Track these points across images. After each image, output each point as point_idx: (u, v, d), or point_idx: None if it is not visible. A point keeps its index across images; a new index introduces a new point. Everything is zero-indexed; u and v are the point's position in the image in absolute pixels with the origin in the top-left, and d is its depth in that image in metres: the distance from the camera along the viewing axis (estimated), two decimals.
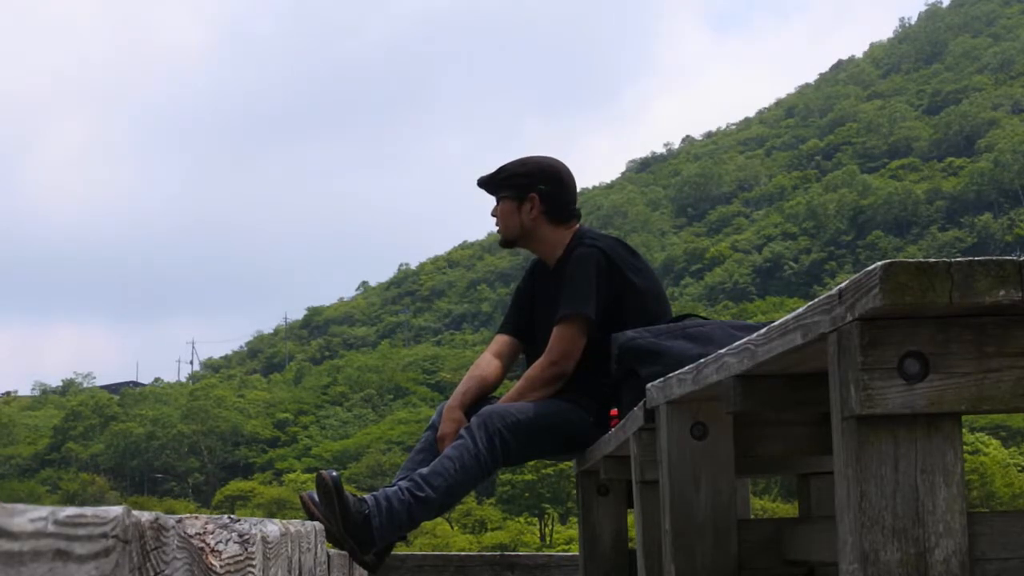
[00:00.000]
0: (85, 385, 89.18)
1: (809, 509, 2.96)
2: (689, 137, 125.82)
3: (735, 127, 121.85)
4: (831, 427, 1.54)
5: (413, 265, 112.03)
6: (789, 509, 31.96)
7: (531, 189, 3.98)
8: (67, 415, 71.96)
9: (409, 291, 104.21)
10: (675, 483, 2.30)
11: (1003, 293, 1.39)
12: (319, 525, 2.88)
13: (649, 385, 2.48)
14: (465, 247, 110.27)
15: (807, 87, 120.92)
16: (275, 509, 43.02)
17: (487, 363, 4.01)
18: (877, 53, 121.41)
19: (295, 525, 2.17)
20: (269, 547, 1.64)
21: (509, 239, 4.06)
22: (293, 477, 53.50)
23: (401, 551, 5.06)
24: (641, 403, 2.57)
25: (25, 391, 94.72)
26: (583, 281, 3.77)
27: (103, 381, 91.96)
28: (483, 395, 3.95)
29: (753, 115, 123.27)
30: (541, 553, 5.79)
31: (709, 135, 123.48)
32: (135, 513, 0.84)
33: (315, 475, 3.66)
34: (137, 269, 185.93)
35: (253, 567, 1.43)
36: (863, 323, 1.43)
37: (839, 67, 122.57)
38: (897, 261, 1.37)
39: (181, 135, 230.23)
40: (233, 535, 1.30)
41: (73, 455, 67.00)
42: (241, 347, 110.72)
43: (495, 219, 4.07)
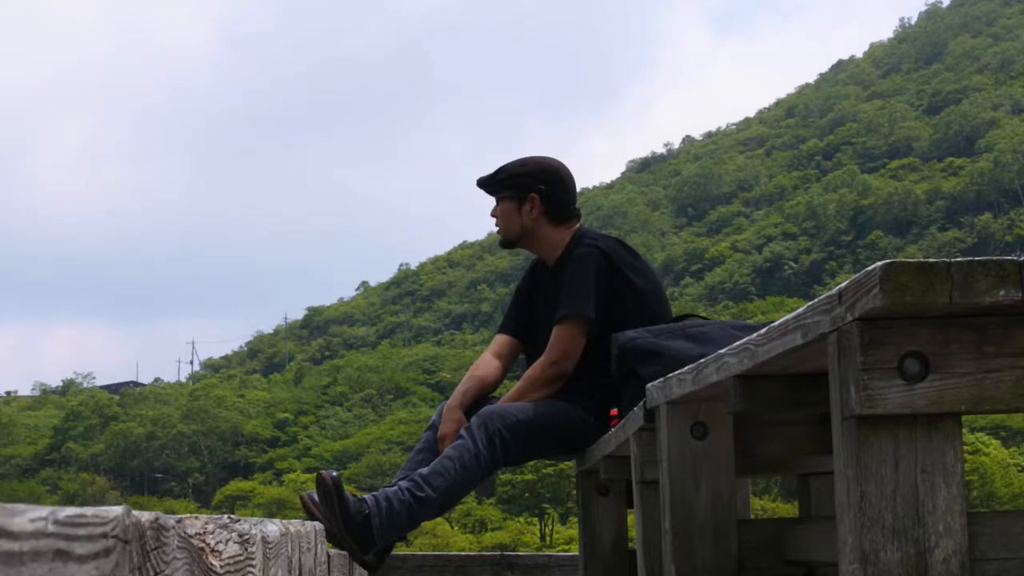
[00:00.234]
0: (85, 385, 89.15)
1: (809, 509, 2.96)
2: (689, 137, 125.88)
3: (735, 127, 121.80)
4: (831, 427, 1.54)
5: (413, 265, 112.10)
6: (789, 509, 31.96)
7: (531, 189, 3.98)
8: (67, 415, 71.95)
9: (409, 291, 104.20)
10: (675, 483, 2.30)
11: (1003, 293, 1.39)
12: (319, 525, 2.88)
13: (649, 385, 2.48)
14: (465, 247, 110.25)
15: (807, 87, 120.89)
16: (275, 509, 43.01)
17: (487, 363, 4.01)
18: (877, 53, 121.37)
19: (295, 525, 2.17)
20: (269, 547, 1.63)
21: (509, 239, 4.06)
22: (293, 477, 53.49)
23: (401, 551, 5.06)
24: (641, 403, 2.57)
25: (25, 391, 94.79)
26: (583, 281, 3.77)
27: (103, 381, 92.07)
28: (483, 395, 3.94)
29: (753, 115, 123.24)
30: (541, 553, 5.80)
31: (709, 135, 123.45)
32: (135, 513, 0.84)
33: (315, 475, 3.66)
34: (137, 269, 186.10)
35: (253, 567, 1.43)
36: (863, 323, 1.43)
37: (839, 67, 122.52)
38: (897, 261, 1.37)
39: (181, 135, 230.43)
40: (233, 535, 1.30)
41: (73, 455, 66.98)
42: (241, 347, 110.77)
43: (495, 219, 4.07)
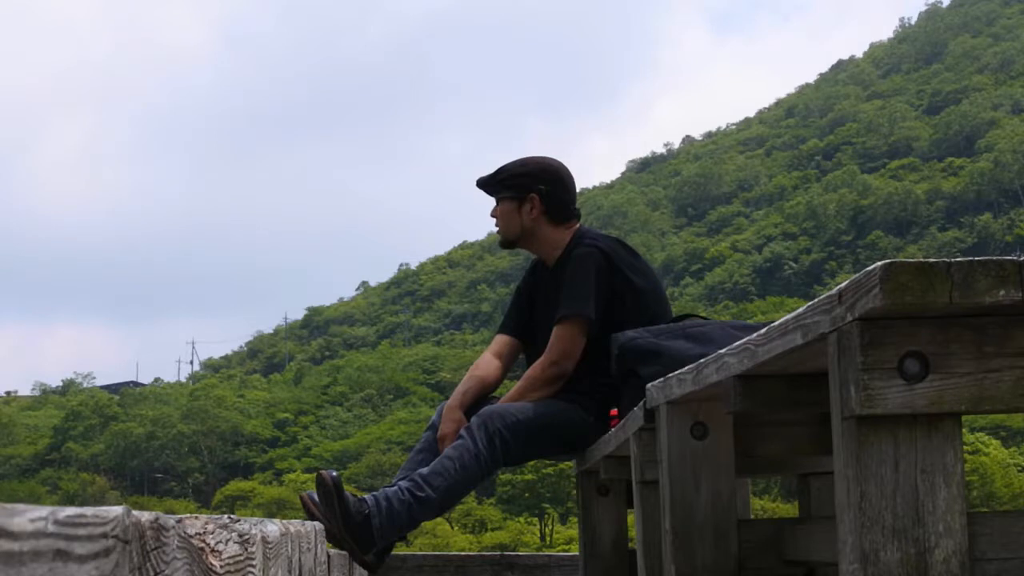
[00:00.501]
0: (85, 385, 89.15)
1: (809, 509, 2.96)
2: (689, 137, 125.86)
3: (735, 127, 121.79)
4: (831, 427, 1.54)
5: (413, 265, 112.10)
6: (789, 509, 31.96)
7: (531, 189, 3.98)
8: (67, 415, 71.95)
9: (409, 291, 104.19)
10: (675, 483, 2.30)
11: (1003, 293, 1.39)
12: (319, 525, 2.88)
13: (649, 385, 2.48)
14: (465, 247, 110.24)
15: (807, 87, 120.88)
16: (275, 509, 43.01)
17: (487, 363, 4.01)
18: (877, 53, 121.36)
19: (295, 525, 2.17)
20: (269, 547, 1.63)
21: (509, 239, 4.06)
22: (293, 477, 53.48)
23: (401, 551, 5.06)
24: (641, 403, 2.56)
25: (25, 391, 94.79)
26: (583, 281, 3.77)
27: (103, 381, 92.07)
28: (483, 395, 3.94)
29: (753, 115, 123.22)
30: (541, 553, 5.80)
31: (709, 135, 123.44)
32: (135, 513, 0.84)
33: (315, 475, 3.66)
34: (137, 269, 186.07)
35: (253, 567, 1.43)
36: (863, 323, 1.43)
37: (839, 67, 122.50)
38: (897, 261, 1.37)
39: (181, 135, 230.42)
40: (233, 535, 1.30)
41: (73, 455, 66.97)
42: (241, 347, 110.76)
43: (495, 219, 4.07)
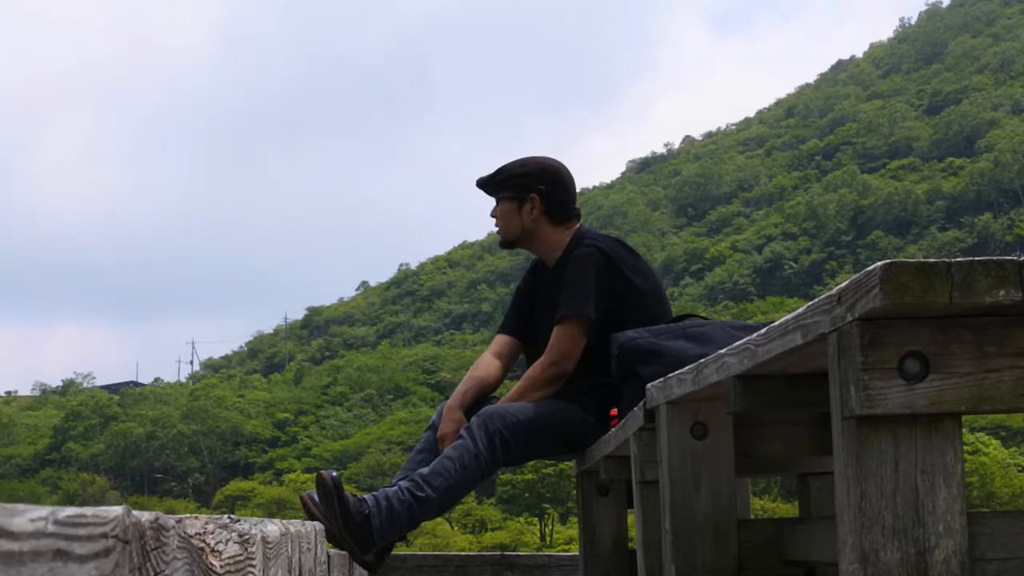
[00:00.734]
0: (85, 385, 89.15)
1: (809, 509, 2.96)
2: (689, 137, 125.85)
3: (735, 127, 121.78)
4: (831, 427, 1.54)
5: (413, 265, 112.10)
6: (789, 509, 31.96)
7: (531, 189, 3.98)
8: (67, 415, 71.92)
9: (409, 291, 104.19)
10: (675, 483, 2.30)
11: (1003, 293, 1.39)
12: (319, 525, 2.88)
13: (649, 385, 2.48)
14: (465, 247, 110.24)
15: (807, 87, 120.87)
16: (275, 509, 43.00)
17: (487, 363, 4.01)
18: (877, 53, 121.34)
19: (295, 525, 2.17)
20: (269, 547, 1.63)
21: (509, 240, 4.05)
22: (293, 477, 53.46)
23: (401, 551, 5.06)
24: (641, 403, 2.56)
25: (25, 391, 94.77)
26: (583, 281, 3.77)
27: (103, 381, 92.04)
28: (483, 395, 3.94)
29: (753, 115, 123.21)
30: (541, 553, 5.80)
31: (709, 135, 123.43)
32: (135, 513, 0.84)
33: (315, 475, 3.66)
34: (137, 269, 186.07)
35: (253, 567, 1.43)
36: (863, 323, 1.43)
37: (839, 67, 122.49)
38: (897, 261, 1.37)
39: (181, 135, 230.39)
40: (233, 535, 1.30)
41: (73, 455, 66.96)
42: (241, 347, 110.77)
43: (495, 220, 4.07)
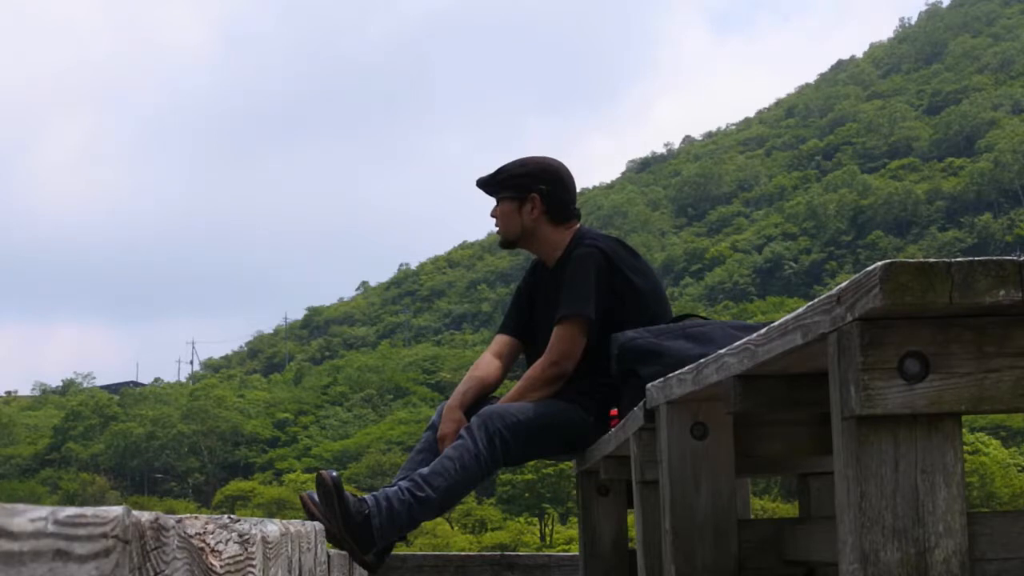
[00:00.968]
0: (85, 385, 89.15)
1: (809, 509, 2.96)
2: (689, 137, 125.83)
3: (735, 127, 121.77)
4: (831, 427, 1.54)
5: (413, 265, 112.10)
6: (789, 509, 31.96)
7: (532, 189, 3.98)
8: (67, 415, 71.92)
9: (409, 291, 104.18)
10: (675, 483, 2.30)
11: (1003, 293, 1.39)
12: (319, 525, 2.88)
13: (649, 385, 2.48)
14: (465, 247, 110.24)
15: (807, 87, 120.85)
16: (275, 509, 43.00)
17: (487, 363, 4.01)
18: (877, 53, 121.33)
19: (295, 525, 2.17)
20: (269, 547, 1.63)
21: (509, 239, 4.05)
22: (293, 477, 53.46)
23: (401, 551, 5.06)
24: (641, 403, 2.56)
25: (25, 391, 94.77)
26: (583, 281, 3.77)
27: (103, 381, 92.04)
28: (483, 395, 3.94)
29: (753, 115, 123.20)
30: (541, 553, 5.80)
31: (709, 135, 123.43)
32: (135, 513, 0.84)
33: (315, 475, 3.66)
34: (137, 269, 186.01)
35: (253, 567, 1.43)
36: (863, 323, 1.43)
37: (839, 67, 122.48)
38: (897, 261, 1.37)
39: (181, 135, 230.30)
40: (233, 535, 1.30)
41: (73, 455, 66.95)
42: (241, 347, 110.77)
43: (495, 220, 4.07)
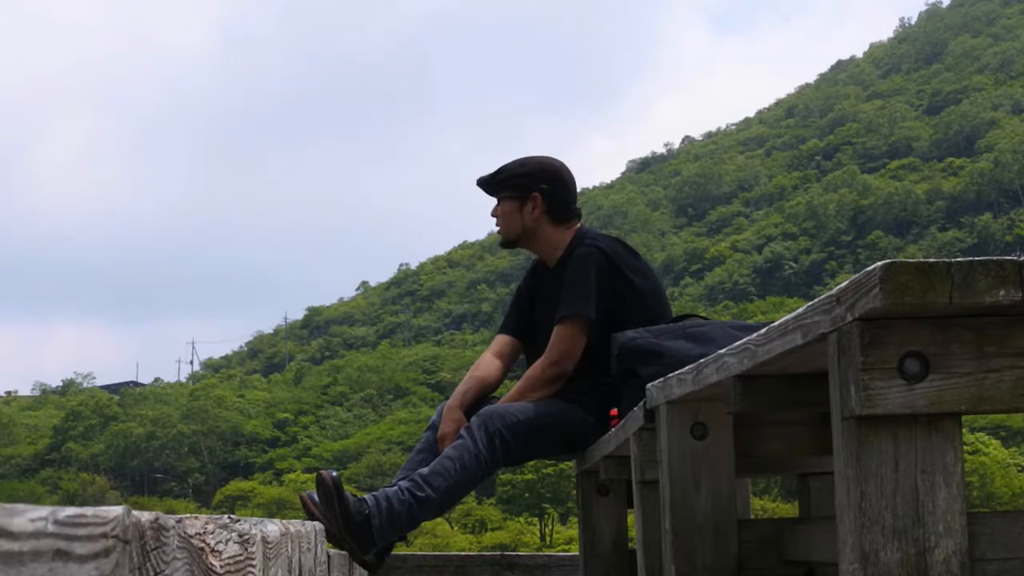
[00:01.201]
0: (85, 385, 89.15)
1: (809, 509, 2.96)
2: (689, 137, 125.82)
3: (735, 127, 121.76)
4: (831, 427, 1.54)
5: (413, 265, 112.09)
6: (789, 509, 31.96)
7: (532, 189, 3.98)
8: (67, 415, 71.91)
9: (409, 291, 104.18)
10: (675, 483, 2.30)
11: (1003, 293, 1.38)
12: (319, 525, 2.88)
13: (649, 385, 2.48)
14: (465, 247, 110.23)
15: (807, 87, 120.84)
16: (275, 509, 42.99)
17: (487, 363, 4.01)
18: (877, 53, 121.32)
19: (295, 525, 2.17)
20: (269, 547, 1.63)
21: (510, 239, 4.05)
22: (293, 477, 53.46)
23: (401, 551, 5.06)
24: (641, 403, 2.56)
25: (25, 391, 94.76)
26: (583, 281, 3.77)
27: (103, 381, 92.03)
28: (483, 395, 3.94)
29: (753, 115, 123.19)
30: (541, 553, 5.80)
31: (709, 135, 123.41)
32: (135, 513, 0.84)
33: (315, 475, 3.66)
34: (137, 269, 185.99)
35: (253, 567, 1.43)
36: (863, 323, 1.43)
37: (839, 67, 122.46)
38: (897, 261, 1.37)
39: (181, 135, 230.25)
40: (233, 535, 1.30)
41: (73, 455, 66.94)
42: (241, 347, 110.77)
43: (495, 219, 4.07)
